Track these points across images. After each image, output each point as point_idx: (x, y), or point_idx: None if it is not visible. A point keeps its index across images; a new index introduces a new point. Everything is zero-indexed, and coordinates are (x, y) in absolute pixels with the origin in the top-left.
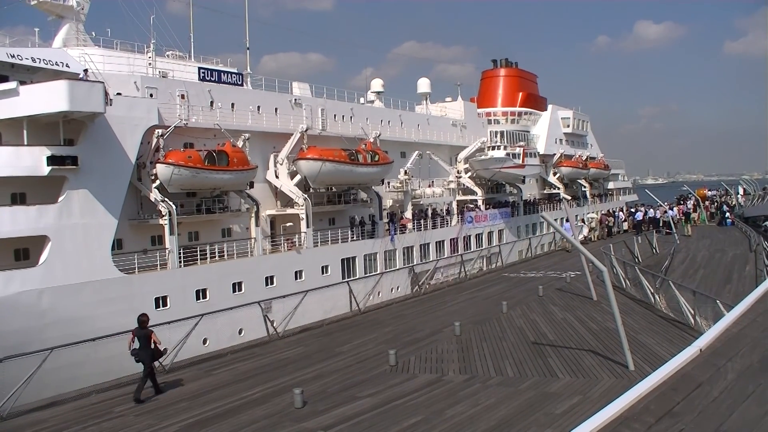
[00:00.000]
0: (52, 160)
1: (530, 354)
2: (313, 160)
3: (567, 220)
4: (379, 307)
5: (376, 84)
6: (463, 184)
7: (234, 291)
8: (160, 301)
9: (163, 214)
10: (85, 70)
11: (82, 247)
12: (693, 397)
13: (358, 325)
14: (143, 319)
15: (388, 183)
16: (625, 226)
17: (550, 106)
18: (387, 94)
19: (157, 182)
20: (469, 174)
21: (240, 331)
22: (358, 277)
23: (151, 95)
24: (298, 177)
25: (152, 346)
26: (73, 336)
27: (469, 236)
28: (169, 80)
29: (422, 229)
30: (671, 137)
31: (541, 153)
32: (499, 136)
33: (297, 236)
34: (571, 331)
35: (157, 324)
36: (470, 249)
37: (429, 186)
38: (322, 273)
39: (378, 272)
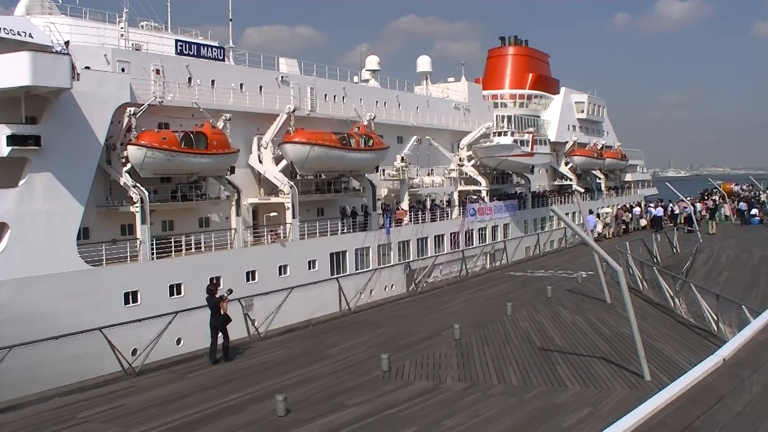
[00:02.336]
0: (12, 140)
1: (536, 361)
2: (301, 144)
3: (591, 212)
4: (372, 307)
5: (372, 61)
6: (466, 173)
7: None
8: (130, 297)
9: (135, 201)
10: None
11: (45, 235)
12: (714, 411)
13: (347, 327)
14: (212, 289)
15: (383, 171)
16: (643, 222)
17: (562, 90)
18: (383, 73)
19: (128, 166)
20: (473, 162)
21: None
22: (348, 273)
23: (123, 70)
24: (283, 162)
25: (222, 312)
26: (34, 333)
27: (472, 230)
28: (142, 54)
29: (420, 221)
30: (695, 126)
31: (552, 140)
32: (506, 121)
33: (282, 227)
34: (582, 336)
35: (127, 321)
36: (472, 244)
37: (428, 174)
38: (309, 268)
39: (371, 268)
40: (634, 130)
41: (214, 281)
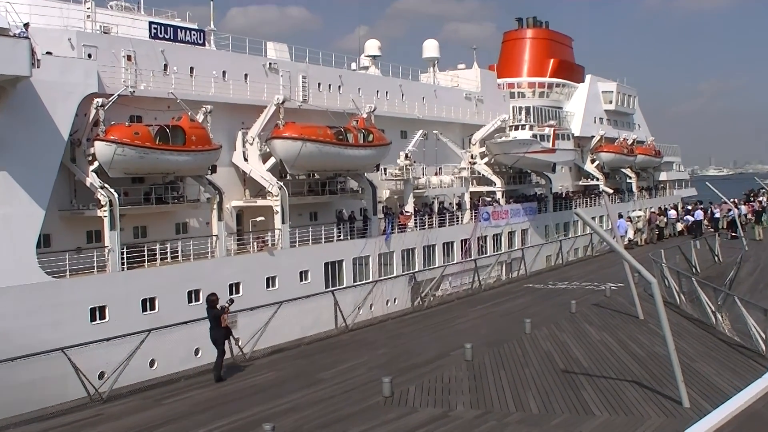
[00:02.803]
0: None
1: (559, 384)
2: (292, 139)
3: (621, 216)
4: (371, 324)
5: (372, 46)
6: (479, 173)
7: (190, 301)
8: (97, 313)
9: (103, 204)
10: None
11: (0, 243)
12: None
13: (344, 346)
14: (213, 299)
15: (385, 169)
16: (680, 227)
17: (588, 77)
18: (385, 59)
19: (96, 164)
20: (486, 160)
21: (197, 351)
22: (345, 285)
23: (90, 56)
24: (272, 160)
25: (223, 325)
26: None
27: (485, 237)
28: (112, 37)
29: (426, 227)
30: (739, 118)
31: (576, 135)
32: (524, 113)
33: (270, 234)
34: (611, 356)
35: (93, 341)
36: (486, 253)
37: (435, 174)
38: (301, 280)
39: (371, 280)
40: (669, 123)
41: (214, 293)
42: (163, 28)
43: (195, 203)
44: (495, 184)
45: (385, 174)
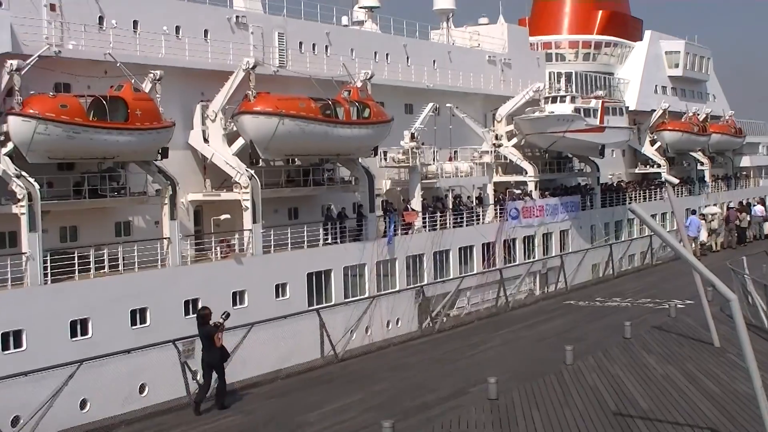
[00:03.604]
0: None
1: (609, 430)
2: (265, 115)
3: (693, 213)
4: (368, 352)
5: None
6: (505, 157)
7: (134, 323)
8: (11, 339)
9: (20, 197)
10: None
11: None
12: None
13: (333, 381)
14: (205, 314)
15: (385, 153)
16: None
17: (647, 34)
18: (385, 12)
19: (10, 146)
20: (515, 141)
21: (142, 388)
22: (334, 303)
23: (0, 4)
24: (240, 142)
25: (217, 344)
26: None
27: (514, 240)
28: None
29: (438, 227)
30: None
31: (631, 109)
32: (564, 80)
33: (237, 237)
34: (677, 395)
35: (7, 375)
36: (515, 261)
37: (450, 159)
38: (277, 295)
39: (367, 296)
40: (755, 92)
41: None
42: None
43: (140, 197)
44: (526, 173)
45: (386, 159)
